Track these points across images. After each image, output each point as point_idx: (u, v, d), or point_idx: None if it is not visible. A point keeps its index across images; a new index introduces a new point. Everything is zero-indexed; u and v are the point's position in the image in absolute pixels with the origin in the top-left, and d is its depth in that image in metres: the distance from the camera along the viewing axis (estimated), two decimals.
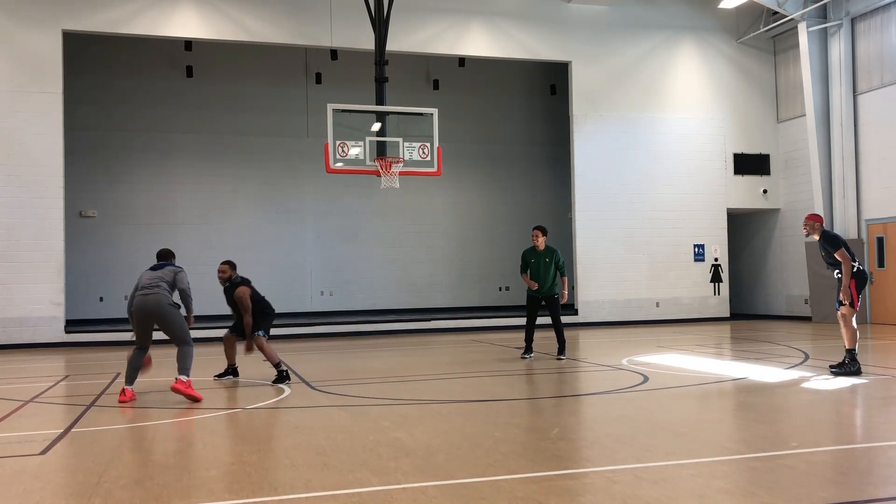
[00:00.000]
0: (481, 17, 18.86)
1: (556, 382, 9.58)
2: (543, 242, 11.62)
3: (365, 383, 9.36)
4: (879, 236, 17.68)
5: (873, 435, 6.25)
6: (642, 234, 19.68)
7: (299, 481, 4.79)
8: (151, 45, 19.66)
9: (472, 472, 4.94)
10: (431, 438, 5.99)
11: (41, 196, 16.01)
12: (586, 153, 19.38)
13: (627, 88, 19.87)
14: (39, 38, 16.21)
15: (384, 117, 13.70)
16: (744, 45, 20.71)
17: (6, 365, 12.61)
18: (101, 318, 19.49)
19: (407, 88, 20.77)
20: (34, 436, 6.44)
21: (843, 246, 9.07)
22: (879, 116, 17.62)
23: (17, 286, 15.75)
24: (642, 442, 5.77)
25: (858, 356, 9.16)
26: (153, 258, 9.23)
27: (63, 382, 10.31)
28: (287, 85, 21.43)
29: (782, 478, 4.70)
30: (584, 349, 13.46)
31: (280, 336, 17.12)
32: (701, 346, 13.48)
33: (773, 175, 20.78)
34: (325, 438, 6.03)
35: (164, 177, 20.61)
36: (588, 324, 19.04)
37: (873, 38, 17.82)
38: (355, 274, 21.91)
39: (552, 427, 6.52)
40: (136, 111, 20.49)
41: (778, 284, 20.89)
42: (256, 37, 17.72)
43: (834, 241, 9.13)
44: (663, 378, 9.19)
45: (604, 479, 4.75)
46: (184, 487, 4.71)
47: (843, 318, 9.12)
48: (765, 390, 8.29)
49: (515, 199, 23.07)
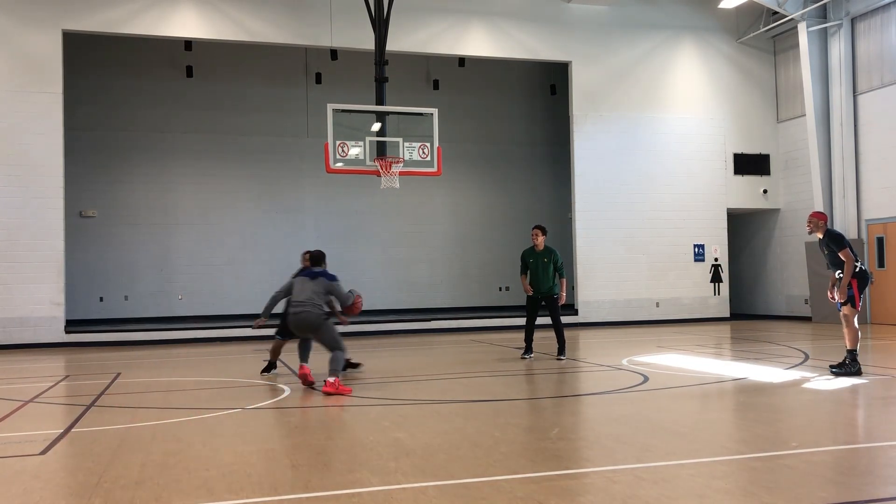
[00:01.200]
0: (481, 17, 18.86)
1: (556, 382, 9.58)
2: (543, 242, 11.63)
3: (365, 383, 9.35)
4: (879, 236, 17.68)
5: (873, 435, 6.25)
6: (642, 234, 19.68)
7: (299, 481, 4.79)
8: (151, 45, 19.65)
9: (472, 472, 4.94)
10: (431, 438, 5.99)
11: (41, 196, 16.01)
12: (586, 153, 19.39)
13: (627, 88, 19.87)
14: (39, 38, 16.21)
15: (384, 117, 13.70)
16: (744, 45, 20.72)
17: (6, 365, 12.61)
18: (101, 319, 19.49)
19: (407, 88, 20.77)
20: (34, 436, 6.43)
21: (848, 246, 9.05)
22: (879, 116, 17.62)
23: (17, 286, 15.75)
24: (642, 442, 5.76)
25: (859, 356, 9.15)
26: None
27: (63, 382, 10.31)
28: (287, 85, 21.43)
29: (782, 478, 4.70)
30: (584, 349, 13.46)
31: None
32: (701, 346, 13.48)
33: (773, 175, 20.78)
34: (325, 438, 6.03)
35: (164, 177, 20.61)
36: (588, 324, 19.04)
37: (873, 38, 17.82)
38: (355, 274, 21.87)
39: (552, 427, 6.52)
40: (136, 111, 20.49)
41: (778, 284, 20.89)
42: (256, 37, 17.72)
43: (839, 240, 9.09)
44: (663, 378, 9.19)
45: (604, 479, 4.75)
46: (184, 487, 4.71)
47: (844, 318, 9.10)
48: (765, 390, 8.29)
49: (515, 199, 23.06)
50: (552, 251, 11.61)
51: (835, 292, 9.12)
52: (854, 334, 9.03)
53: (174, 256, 20.36)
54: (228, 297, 20.72)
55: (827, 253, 9.21)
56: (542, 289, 11.52)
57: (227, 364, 12.14)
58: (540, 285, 11.52)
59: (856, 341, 9.04)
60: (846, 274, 8.94)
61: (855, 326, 9.05)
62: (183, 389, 9.26)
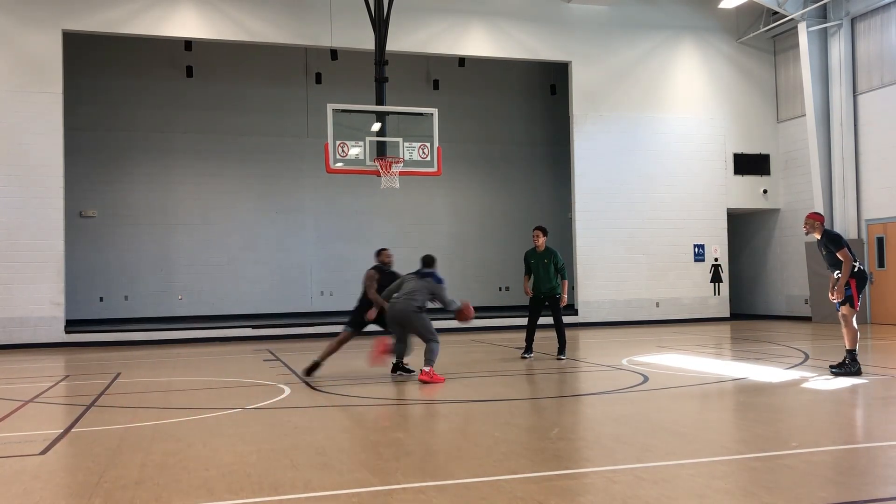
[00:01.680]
0: (481, 17, 18.86)
1: (556, 382, 9.58)
2: (544, 243, 11.74)
3: (365, 383, 9.36)
4: (879, 236, 17.68)
5: (873, 435, 6.25)
6: (642, 234, 19.68)
7: (299, 481, 4.79)
8: (151, 45, 19.65)
9: (472, 472, 4.94)
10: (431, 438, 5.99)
11: (41, 196, 16.00)
12: (586, 153, 19.38)
13: (627, 88, 19.87)
14: (39, 38, 16.20)
15: (384, 117, 13.69)
16: (744, 45, 20.71)
17: (6, 365, 12.61)
18: (101, 319, 19.49)
19: (407, 88, 20.76)
20: (34, 436, 6.43)
21: (846, 246, 9.06)
22: (879, 116, 17.62)
23: (17, 286, 15.75)
24: (642, 442, 5.76)
25: (858, 356, 9.15)
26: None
27: (63, 382, 10.30)
28: (287, 85, 21.43)
29: (782, 478, 4.70)
30: (584, 349, 13.46)
31: (280, 336, 17.16)
32: (701, 346, 13.48)
33: (773, 175, 20.78)
34: (325, 438, 6.03)
35: (164, 177, 20.60)
36: (588, 324, 19.04)
37: (873, 38, 17.81)
38: (355, 274, 21.79)
39: (552, 427, 6.52)
40: (137, 111, 20.49)
41: (778, 284, 20.89)
42: (256, 37, 17.72)
43: (837, 240, 9.11)
44: (663, 378, 9.19)
45: (604, 479, 4.75)
46: (184, 487, 4.71)
47: (843, 318, 9.11)
48: (765, 390, 8.29)
49: (515, 199, 23.06)
50: (553, 252, 11.68)
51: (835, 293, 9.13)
52: (853, 334, 9.03)
53: (174, 256, 20.36)
54: (228, 297, 20.73)
55: (825, 253, 9.22)
56: (543, 289, 11.60)
57: (227, 364, 12.14)
58: (541, 285, 11.62)
59: (855, 341, 9.05)
60: (844, 274, 8.95)
61: (854, 326, 9.06)
62: (183, 389, 9.26)
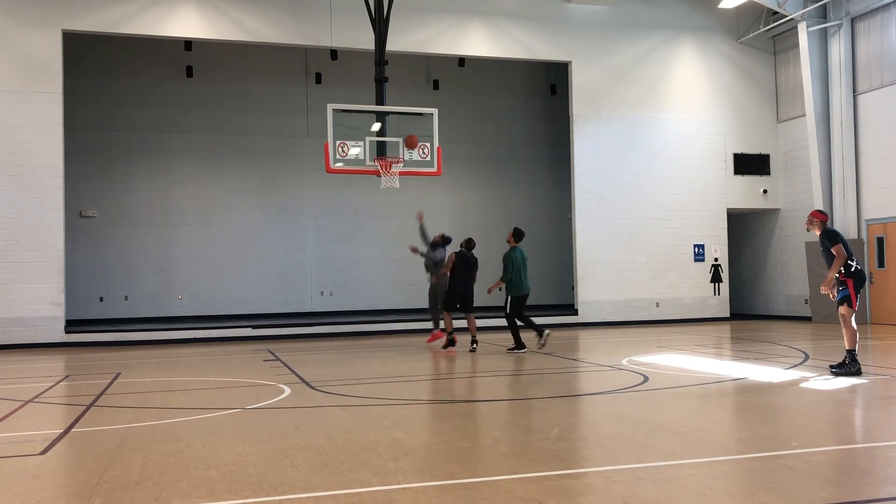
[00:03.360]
0: (481, 17, 18.86)
1: (557, 382, 9.59)
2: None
3: (365, 383, 9.36)
4: (879, 236, 17.68)
5: (873, 435, 6.25)
6: (642, 234, 19.68)
7: (299, 481, 4.79)
8: (152, 45, 19.65)
9: (472, 472, 4.94)
10: (431, 438, 5.99)
11: (41, 196, 16.00)
12: (586, 153, 19.38)
13: (627, 88, 19.87)
14: (39, 38, 16.20)
15: (384, 117, 13.70)
16: (744, 45, 20.71)
17: (6, 365, 12.61)
18: (101, 318, 19.49)
19: (407, 88, 20.76)
20: (34, 436, 6.43)
21: (842, 242, 9.11)
22: (879, 116, 17.62)
23: (17, 286, 15.75)
24: (642, 442, 5.76)
25: (858, 356, 9.16)
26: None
27: (63, 382, 10.31)
28: (287, 85, 21.43)
29: (782, 478, 4.70)
30: (584, 349, 13.46)
31: (280, 336, 17.16)
32: (701, 346, 13.48)
33: (773, 175, 20.78)
34: (325, 438, 6.03)
35: (164, 177, 20.60)
36: (588, 324, 19.04)
37: (873, 38, 17.81)
38: (355, 274, 21.91)
39: (552, 427, 6.52)
40: (137, 111, 20.48)
41: (778, 284, 20.89)
42: (256, 37, 17.72)
43: (832, 236, 9.17)
44: (663, 378, 9.19)
45: (604, 479, 4.75)
46: (184, 487, 4.71)
47: (842, 318, 9.13)
48: (765, 390, 8.29)
49: (515, 199, 23.05)
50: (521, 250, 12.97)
51: (830, 287, 9.19)
52: (852, 334, 9.05)
53: (174, 256, 20.36)
54: (228, 297, 20.73)
55: (823, 250, 9.29)
56: (528, 286, 12.74)
57: (227, 364, 12.14)
58: (526, 283, 12.73)
59: (854, 341, 9.06)
60: (833, 267, 9.02)
61: (853, 326, 9.07)
62: (183, 389, 9.26)
